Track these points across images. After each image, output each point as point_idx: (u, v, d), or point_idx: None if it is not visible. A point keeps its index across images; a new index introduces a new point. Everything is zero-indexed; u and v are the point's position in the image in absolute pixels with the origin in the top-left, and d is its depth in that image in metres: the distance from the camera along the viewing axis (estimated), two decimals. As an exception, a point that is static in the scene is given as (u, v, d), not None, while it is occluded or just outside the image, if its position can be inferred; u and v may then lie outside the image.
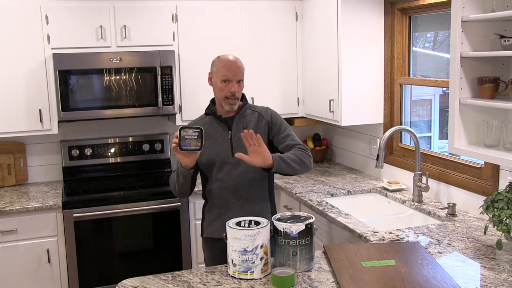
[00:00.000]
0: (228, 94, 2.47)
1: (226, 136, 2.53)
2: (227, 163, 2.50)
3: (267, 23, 3.94)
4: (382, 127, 3.65)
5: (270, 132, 2.57)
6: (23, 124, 3.55)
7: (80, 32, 3.57)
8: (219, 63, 2.51)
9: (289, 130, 2.59)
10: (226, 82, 2.47)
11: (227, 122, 2.55)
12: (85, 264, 3.43)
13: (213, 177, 2.54)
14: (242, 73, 2.51)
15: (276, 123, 2.58)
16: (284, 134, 2.55)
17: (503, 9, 2.31)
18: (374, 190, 3.46)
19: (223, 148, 2.51)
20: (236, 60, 2.51)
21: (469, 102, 2.42)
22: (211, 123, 2.57)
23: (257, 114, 2.59)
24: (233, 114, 2.56)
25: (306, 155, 2.48)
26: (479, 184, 2.79)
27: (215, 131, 2.55)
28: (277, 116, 2.62)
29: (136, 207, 3.49)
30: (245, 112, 2.58)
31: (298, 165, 2.42)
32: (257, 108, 2.63)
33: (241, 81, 2.51)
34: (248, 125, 2.54)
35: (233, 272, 2.04)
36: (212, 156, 2.51)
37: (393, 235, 2.52)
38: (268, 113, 2.60)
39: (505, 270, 2.08)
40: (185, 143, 2.24)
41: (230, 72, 2.46)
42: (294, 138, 2.56)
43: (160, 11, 3.70)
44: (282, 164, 2.34)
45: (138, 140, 4.05)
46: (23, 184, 3.88)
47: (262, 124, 2.56)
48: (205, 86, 3.85)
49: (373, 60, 3.56)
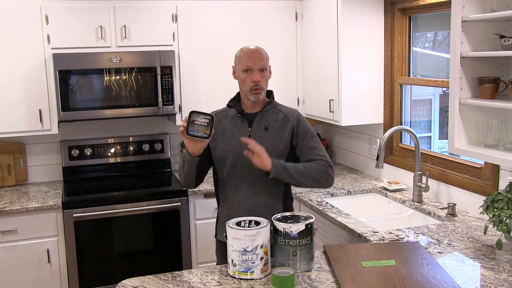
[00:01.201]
0: (251, 85, 2.32)
1: (245, 132, 2.38)
2: (240, 161, 2.35)
3: (267, 23, 3.94)
4: (382, 127, 3.65)
5: (294, 138, 2.40)
6: (23, 124, 3.55)
7: (80, 32, 3.57)
8: (240, 53, 2.38)
9: (315, 141, 2.41)
10: (247, 72, 2.33)
11: (248, 118, 2.41)
12: (85, 264, 3.43)
13: (224, 174, 2.41)
14: (265, 62, 2.34)
15: (302, 131, 2.40)
16: (309, 146, 2.39)
17: (503, 9, 2.31)
18: (374, 190, 3.46)
19: (239, 145, 2.34)
20: (257, 48, 2.37)
21: (469, 102, 2.42)
22: (232, 116, 2.43)
23: (283, 115, 2.43)
24: (257, 110, 2.42)
25: (323, 171, 2.33)
26: (479, 184, 2.79)
27: (234, 125, 2.41)
28: (305, 124, 2.43)
29: (136, 207, 3.49)
30: (269, 110, 2.43)
31: (307, 179, 2.31)
32: (284, 109, 2.46)
33: (265, 70, 2.35)
34: (271, 125, 2.39)
35: (233, 272, 2.04)
36: (227, 151, 2.38)
37: (393, 235, 2.52)
38: (295, 117, 2.43)
39: (505, 270, 2.08)
40: (193, 128, 2.11)
41: (250, 60, 2.32)
42: (319, 151, 2.38)
43: (160, 11, 3.70)
44: (283, 173, 2.26)
45: (138, 140, 4.05)
46: (23, 184, 3.88)
47: (287, 127, 2.40)
48: (205, 86, 3.89)
49: (373, 60, 3.56)
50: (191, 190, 3.59)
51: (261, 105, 2.44)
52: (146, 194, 3.54)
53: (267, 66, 2.37)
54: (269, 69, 2.41)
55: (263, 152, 2.25)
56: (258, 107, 2.43)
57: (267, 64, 2.38)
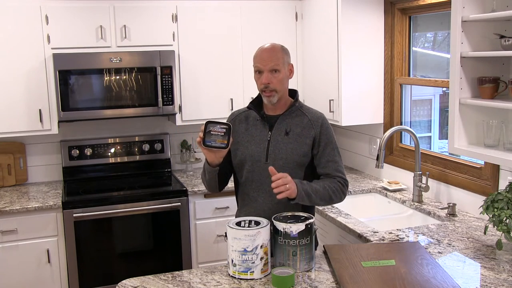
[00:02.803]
0: (261, 87, 2.23)
1: (264, 136, 2.28)
2: (258, 167, 2.27)
3: (267, 23, 3.94)
4: (382, 127, 3.65)
5: (315, 146, 2.28)
6: (23, 124, 3.55)
7: (80, 32, 3.57)
8: (255, 53, 2.26)
9: (336, 153, 2.30)
10: (259, 73, 2.23)
11: (269, 121, 2.30)
12: (85, 264, 3.43)
13: (243, 179, 2.33)
14: (277, 62, 2.20)
15: (325, 140, 2.28)
16: (329, 159, 2.28)
17: (503, 9, 2.31)
18: (374, 190, 3.46)
19: (258, 149, 2.27)
20: (271, 47, 2.23)
21: (469, 102, 2.42)
22: (252, 119, 2.33)
23: (307, 119, 2.29)
24: (280, 112, 2.29)
25: (339, 191, 2.26)
26: (479, 184, 2.79)
27: (254, 128, 2.31)
28: (329, 132, 2.30)
29: (136, 207, 3.49)
30: (292, 113, 2.30)
31: (324, 201, 2.24)
32: (309, 112, 2.32)
33: (277, 71, 2.20)
34: (292, 129, 2.27)
35: (233, 272, 2.04)
36: (245, 155, 2.29)
37: (393, 235, 2.52)
38: (318, 124, 2.29)
39: (505, 270, 2.08)
40: (210, 139, 2.05)
41: (260, 61, 2.21)
42: (338, 167, 2.29)
43: (160, 11, 3.70)
44: (305, 199, 2.16)
45: (138, 140, 4.05)
46: (23, 184, 3.88)
47: (310, 134, 2.27)
48: (205, 86, 3.89)
49: (373, 60, 3.56)
50: (191, 190, 3.59)
51: (283, 107, 2.31)
52: (146, 194, 3.54)
53: (280, 66, 2.22)
54: (287, 68, 2.26)
55: (289, 182, 2.09)
56: (280, 109, 2.31)
57: (282, 63, 2.22)
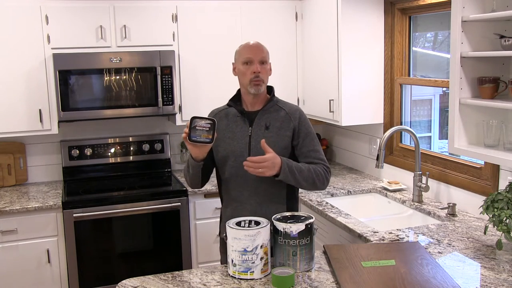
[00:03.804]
0: (251, 76, 2.32)
1: (245, 132, 2.38)
2: (241, 162, 2.31)
3: (267, 23, 3.94)
4: (382, 127, 3.65)
5: (295, 138, 2.39)
6: (23, 124, 3.55)
7: (80, 32, 3.57)
8: (240, 48, 2.40)
9: (316, 143, 2.42)
10: (248, 64, 2.33)
11: (249, 117, 2.39)
12: (85, 264, 3.43)
13: (226, 174, 2.41)
14: (265, 54, 2.36)
15: (304, 131, 2.39)
16: (310, 148, 2.39)
17: (503, 9, 2.31)
18: (374, 190, 3.46)
19: (240, 145, 2.37)
20: (257, 42, 2.40)
21: (469, 102, 2.42)
22: (232, 115, 2.42)
23: (285, 113, 2.40)
24: (258, 108, 2.40)
25: (324, 177, 2.35)
26: (479, 184, 2.79)
27: (235, 124, 2.40)
28: (306, 123, 2.43)
29: (136, 207, 3.49)
30: (270, 108, 2.41)
31: (308, 182, 2.32)
32: (286, 106, 2.44)
33: (265, 63, 2.35)
34: (272, 123, 2.37)
35: (233, 272, 2.04)
36: (227, 151, 2.38)
37: (393, 235, 2.52)
38: (296, 116, 2.41)
39: (505, 270, 2.08)
40: (195, 134, 2.15)
41: (250, 52, 2.34)
42: (319, 155, 2.40)
43: (160, 11, 3.70)
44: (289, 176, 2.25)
45: (138, 140, 4.05)
46: (23, 184, 3.88)
47: (289, 127, 2.38)
48: (205, 86, 3.89)
49: (373, 60, 3.56)
50: (191, 190, 3.59)
51: (262, 102, 2.42)
52: (146, 194, 3.54)
53: (267, 59, 2.38)
54: (269, 65, 2.41)
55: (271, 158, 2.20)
56: (258, 105, 2.41)
57: (268, 58, 2.38)
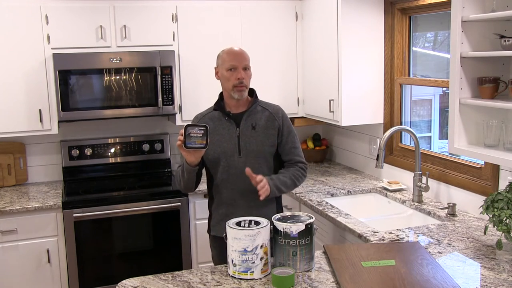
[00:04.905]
0: (235, 82, 2.44)
1: (233, 133, 2.50)
2: (233, 161, 2.48)
3: (267, 23, 3.94)
4: (382, 127, 3.65)
5: (279, 136, 2.54)
6: (23, 124, 3.55)
7: (80, 32, 3.57)
8: (223, 54, 2.50)
9: (296, 140, 2.59)
10: (232, 70, 2.45)
11: (235, 118, 2.51)
12: (85, 264, 3.43)
13: (218, 174, 2.52)
14: (248, 61, 2.49)
15: (286, 130, 2.56)
16: (291, 146, 2.56)
17: (503, 9, 2.31)
18: (374, 190, 3.46)
19: (230, 145, 2.49)
20: (240, 49, 2.52)
21: (469, 102, 2.42)
22: (219, 118, 2.54)
23: (268, 113, 2.56)
24: (243, 110, 2.53)
25: (302, 177, 2.57)
26: (479, 184, 2.79)
27: (222, 127, 2.51)
28: (288, 122, 2.59)
29: (136, 207, 3.49)
30: (255, 109, 2.54)
31: (289, 189, 2.54)
32: (269, 107, 2.59)
33: (248, 69, 2.49)
34: (258, 123, 2.51)
35: (233, 272, 2.04)
36: (218, 153, 2.49)
37: (393, 235, 2.52)
38: (279, 116, 2.57)
39: (505, 270, 2.08)
40: (190, 141, 2.22)
41: (235, 59, 2.45)
42: (299, 152, 2.59)
43: (160, 11, 3.70)
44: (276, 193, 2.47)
45: (138, 140, 4.05)
46: (23, 184, 3.88)
47: (274, 125, 2.54)
48: (205, 86, 3.88)
49: (373, 60, 3.56)
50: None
51: (245, 104, 2.54)
52: (146, 194, 3.54)
53: (249, 66, 2.51)
54: (250, 71, 2.54)
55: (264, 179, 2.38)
56: (242, 107, 2.54)
57: (249, 64, 2.51)
